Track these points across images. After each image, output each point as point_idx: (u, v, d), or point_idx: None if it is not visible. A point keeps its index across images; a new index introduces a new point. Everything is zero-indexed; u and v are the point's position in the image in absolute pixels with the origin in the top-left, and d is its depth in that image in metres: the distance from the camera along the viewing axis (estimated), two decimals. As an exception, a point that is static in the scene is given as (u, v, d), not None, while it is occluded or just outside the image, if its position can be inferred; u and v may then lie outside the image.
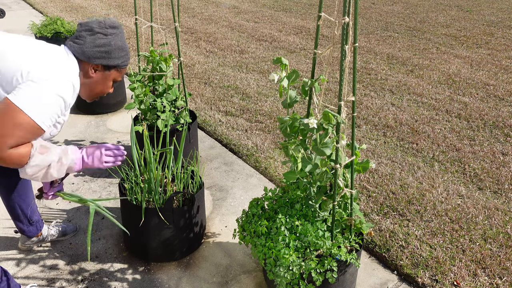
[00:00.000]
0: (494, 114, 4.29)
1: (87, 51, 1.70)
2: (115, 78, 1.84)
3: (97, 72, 1.76)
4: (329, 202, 1.93)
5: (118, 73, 1.83)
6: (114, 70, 1.81)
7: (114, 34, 1.76)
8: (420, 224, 2.72)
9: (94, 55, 1.71)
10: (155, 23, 7.21)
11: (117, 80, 1.86)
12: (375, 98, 4.66)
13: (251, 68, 5.52)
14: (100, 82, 1.80)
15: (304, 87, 1.87)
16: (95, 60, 1.72)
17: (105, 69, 1.77)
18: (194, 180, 2.46)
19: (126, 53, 1.82)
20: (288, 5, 9.57)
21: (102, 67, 1.75)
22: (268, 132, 3.87)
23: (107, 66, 1.76)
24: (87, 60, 1.71)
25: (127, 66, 1.87)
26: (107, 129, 3.94)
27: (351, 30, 1.61)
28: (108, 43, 1.73)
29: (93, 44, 1.71)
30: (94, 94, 1.84)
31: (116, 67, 1.79)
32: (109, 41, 1.74)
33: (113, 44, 1.74)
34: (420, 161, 3.46)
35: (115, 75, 1.83)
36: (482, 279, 2.32)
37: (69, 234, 2.57)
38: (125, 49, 1.81)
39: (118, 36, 1.78)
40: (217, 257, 2.46)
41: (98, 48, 1.71)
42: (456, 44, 6.68)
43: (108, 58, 1.74)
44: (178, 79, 3.11)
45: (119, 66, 1.80)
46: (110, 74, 1.80)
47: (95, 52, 1.71)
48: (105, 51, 1.73)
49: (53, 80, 1.55)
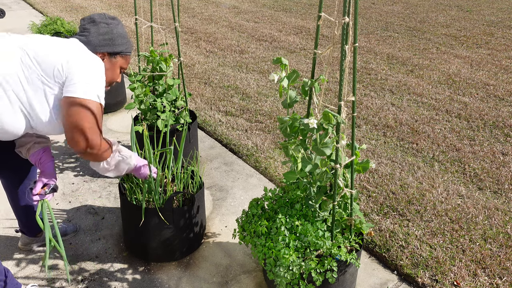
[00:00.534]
0: (494, 114, 4.29)
1: (93, 40, 1.85)
2: (122, 65, 1.98)
3: (104, 60, 1.90)
4: (329, 202, 1.93)
5: (123, 60, 1.98)
6: (120, 57, 1.95)
7: (115, 23, 1.93)
8: (420, 224, 2.72)
9: (100, 43, 1.86)
10: (155, 23, 7.21)
11: (124, 68, 1.99)
12: (375, 98, 4.66)
13: (251, 68, 5.52)
14: (109, 69, 1.92)
15: (304, 87, 1.87)
16: (101, 48, 1.87)
17: (111, 56, 1.91)
18: (194, 180, 2.46)
19: (128, 40, 1.97)
20: (288, 5, 9.57)
21: (108, 54, 1.90)
22: (268, 132, 3.87)
23: (113, 53, 1.91)
24: (94, 50, 1.85)
25: (131, 53, 2.01)
26: (107, 129, 3.94)
27: (351, 30, 1.61)
28: (111, 31, 1.89)
29: (98, 33, 1.86)
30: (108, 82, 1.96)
31: (120, 53, 1.94)
32: (111, 29, 1.90)
33: (115, 32, 1.90)
34: (420, 161, 3.46)
35: (121, 62, 1.97)
36: (482, 279, 2.32)
37: (69, 234, 2.57)
38: (126, 36, 1.97)
39: (118, 25, 1.94)
40: (217, 257, 2.46)
41: (103, 36, 1.87)
42: (456, 44, 6.68)
43: (112, 45, 1.89)
44: (178, 79, 3.11)
45: (123, 52, 1.95)
46: (117, 61, 1.95)
47: (100, 41, 1.86)
48: (109, 39, 1.88)
49: (91, 63, 1.74)
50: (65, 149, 3.55)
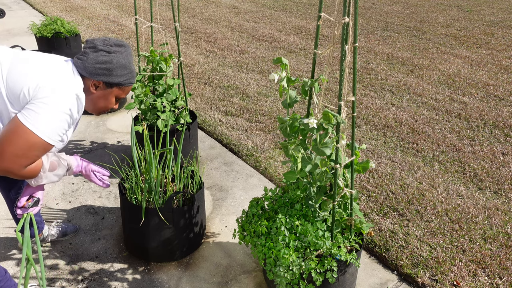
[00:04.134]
0: (494, 114, 4.29)
1: (89, 67, 1.72)
2: (118, 96, 1.85)
3: (98, 89, 1.78)
4: (329, 202, 1.93)
5: (120, 91, 1.84)
6: (116, 88, 1.81)
7: (118, 52, 1.77)
8: (420, 224, 2.72)
9: (95, 71, 1.73)
10: (155, 23, 7.21)
11: (120, 97, 1.87)
12: (375, 98, 4.66)
13: (251, 68, 5.52)
14: (101, 98, 1.81)
15: (304, 87, 1.87)
16: (96, 76, 1.73)
17: (107, 86, 1.78)
18: (194, 180, 2.46)
19: (130, 71, 1.82)
20: (288, 5, 9.57)
21: (103, 84, 1.77)
22: (268, 132, 3.87)
23: (109, 83, 1.77)
24: (89, 76, 1.73)
25: (132, 85, 1.88)
26: (107, 129, 3.94)
27: (351, 30, 1.61)
28: (110, 61, 1.74)
29: (95, 60, 1.72)
30: (98, 109, 1.86)
31: (118, 84, 1.80)
32: (111, 58, 1.75)
33: (115, 62, 1.75)
34: (420, 161, 3.46)
35: (117, 92, 1.83)
36: (482, 279, 2.32)
37: (70, 234, 2.57)
38: (129, 67, 1.81)
39: (123, 54, 1.78)
40: (217, 257, 2.46)
41: (100, 65, 1.73)
42: (456, 44, 6.68)
43: (109, 76, 1.75)
44: (178, 79, 3.11)
45: (121, 84, 1.80)
46: (112, 91, 1.81)
47: (96, 69, 1.73)
48: (106, 68, 1.74)
49: (59, 97, 1.60)
50: (64, 148, 3.55)
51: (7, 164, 1.57)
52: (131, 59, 1.84)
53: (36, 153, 1.60)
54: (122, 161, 3.34)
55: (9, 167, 1.58)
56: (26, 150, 1.57)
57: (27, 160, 1.60)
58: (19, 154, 1.56)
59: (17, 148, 1.55)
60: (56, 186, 3.05)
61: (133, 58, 1.87)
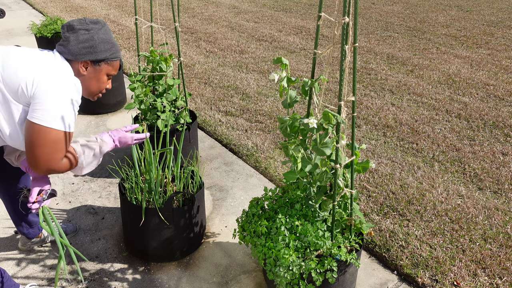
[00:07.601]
0: (494, 114, 4.29)
1: (72, 49, 1.72)
2: (108, 72, 1.84)
3: (88, 69, 1.77)
4: (329, 202, 1.93)
5: (109, 67, 1.83)
6: (104, 64, 1.80)
7: (97, 29, 1.76)
8: (420, 224, 2.72)
9: (80, 51, 1.72)
10: (155, 23, 7.21)
11: (111, 74, 1.86)
12: (375, 98, 4.66)
13: (251, 68, 5.52)
14: (93, 79, 1.80)
15: (304, 87, 1.87)
16: (82, 56, 1.73)
17: (94, 64, 1.77)
18: (194, 180, 2.46)
19: (113, 45, 1.81)
20: (288, 5, 9.57)
21: (91, 62, 1.76)
22: (268, 132, 3.87)
23: (95, 60, 1.76)
24: (75, 59, 1.72)
25: (119, 59, 1.87)
26: (107, 129, 3.94)
27: (351, 30, 1.61)
28: (91, 38, 1.74)
29: (77, 41, 1.72)
30: (92, 92, 1.85)
31: (104, 60, 1.79)
32: (92, 35, 1.74)
33: (96, 38, 1.75)
34: (420, 161, 3.46)
35: (107, 69, 1.82)
36: (482, 279, 2.32)
37: (69, 234, 2.57)
38: (111, 41, 1.80)
39: (101, 30, 1.78)
40: (217, 257, 2.46)
41: (82, 44, 1.72)
42: (456, 44, 6.68)
43: (94, 53, 1.75)
44: (178, 79, 3.11)
45: (108, 59, 1.79)
46: (102, 69, 1.80)
47: (80, 49, 1.72)
48: (90, 46, 1.73)
49: (59, 88, 1.62)
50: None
51: (45, 165, 1.65)
52: (111, 34, 1.84)
53: (62, 145, 1.66)
54: (122, 161, 3.34)
55: (48, 166, 1.66)
56: (53, 145, 1.63)
57: (58, 153, 1.66)
58: (49, 152, 1.63)
59: (45, 148, 1.62)
60: (56, 186, 3.05)
61: (113, 35, 1.85)
